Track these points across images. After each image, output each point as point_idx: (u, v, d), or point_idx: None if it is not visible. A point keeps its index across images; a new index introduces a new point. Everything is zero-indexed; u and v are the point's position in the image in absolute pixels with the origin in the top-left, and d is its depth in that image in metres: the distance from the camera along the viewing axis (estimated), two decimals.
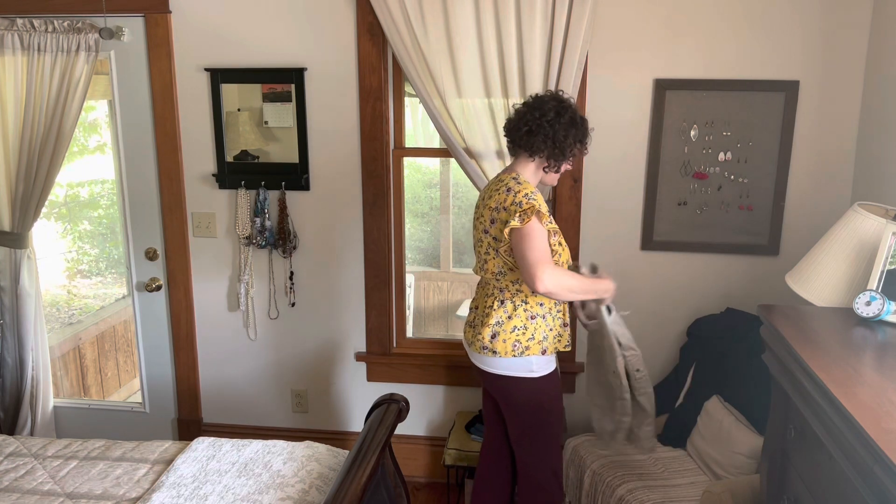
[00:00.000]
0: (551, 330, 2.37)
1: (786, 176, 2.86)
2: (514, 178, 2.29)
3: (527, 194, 2.21)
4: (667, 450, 2.80)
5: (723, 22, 2.78)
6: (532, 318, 2.32)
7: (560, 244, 2.32)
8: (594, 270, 2.42)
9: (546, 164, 2.31)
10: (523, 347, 2.31)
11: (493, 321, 2.33)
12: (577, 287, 2.21)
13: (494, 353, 2.33)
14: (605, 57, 2.87)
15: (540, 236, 2.16)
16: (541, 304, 2.34)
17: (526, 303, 2.32)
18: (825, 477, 1.60)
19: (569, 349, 2.46)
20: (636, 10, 2.82)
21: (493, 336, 2.33)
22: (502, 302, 2.33)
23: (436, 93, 2.86)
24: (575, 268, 2.44)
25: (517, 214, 2.16)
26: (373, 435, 2.26)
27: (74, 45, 3.00)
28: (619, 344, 2.34)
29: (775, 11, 2.75)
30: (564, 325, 2.42)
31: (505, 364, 2.34)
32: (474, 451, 2.96)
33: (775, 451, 1.92)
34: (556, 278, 2.12)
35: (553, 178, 2.38)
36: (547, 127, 2.24)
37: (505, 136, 2.37)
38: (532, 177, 2.33)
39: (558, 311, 2.39)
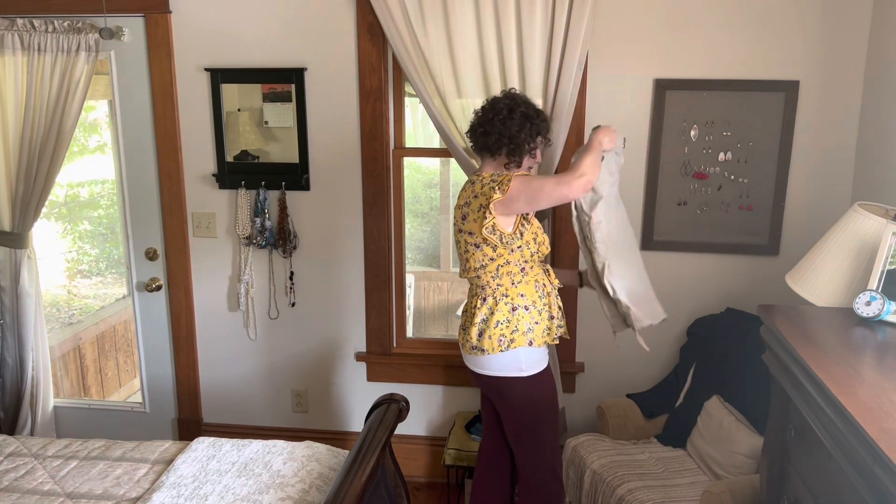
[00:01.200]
0: (537, 323, 2.37)
1: (786, 176, 2.86)
2: (476, 175, 2.37)
3: (492, 176, 2.29)
4: (667, 450, 2.80)
5: (723, 22, 2.78)
6: (514, 310, 2.34)
7: (535, 236, 2.34)
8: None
9: (507, 161, 2.34)
10: (508, 340, 2.33)
11: (478, 319, 2.36)
12: (593, 160, 2.23)
13: (483, 350, 2.35)
14: (606, 57, 2.87)
15: (531, 178, 2.25)
16: (522, 296, 2.35)
17: (507, 296, 2.34)
18: (825, 477, 1.60)
19: (556, 342, 2.46)
20: (636, 10, 2.82)
21: (480, 334, 2.36)
22: (484, 299, 2.35)
23: (436, 93, 2.86)
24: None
25: (497, 188, 2.22)
26: (373, 435, 2.26)
27: (74, 45, 3.00)
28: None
29: (775, 11, 2.75)
30: (551, 317, 2.42)
31: (495, 364, 2.36)
32: (474, 451, 2.96)
33: (775, 451, 1.92)
34: (579, 176, 2.17)
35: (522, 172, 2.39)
36: (499, 125, 2.29)
37: (469, 140, 2.44)
38: None
39: (544, 304, 2.39)
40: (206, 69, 3.09)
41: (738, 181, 2.89)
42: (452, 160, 3.14)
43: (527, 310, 2.35)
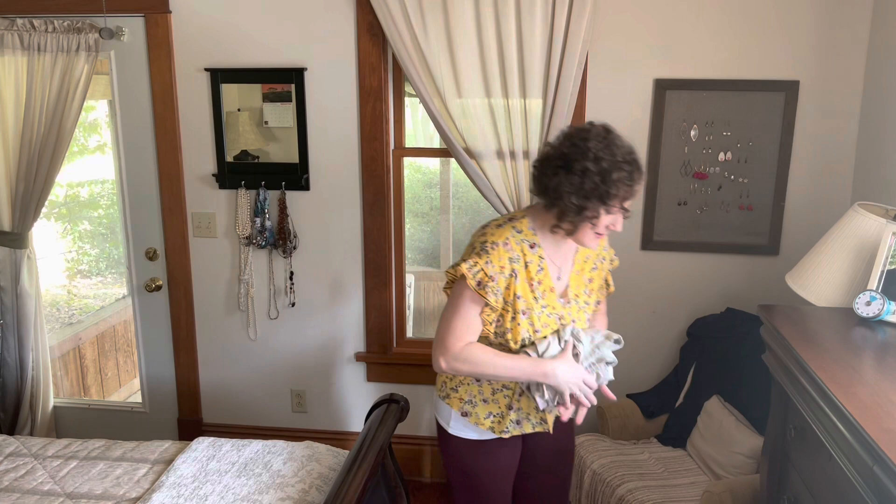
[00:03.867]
0: (485, 401, 1.97)
1: (786, 176, 2.86)
2: (507, 219, 1.91)
3: (485, 243, 1.84)
4: (667, 450, 2.80)
5: (723, 22, 2.78)
6: None
7: (514, 319, 1.86)
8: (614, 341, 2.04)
9: (555, 223, 1.82)
10: (447, 392, 2.02)
11: None
12: (481, 373, 1.87)
13: (435, 383, 2.12)
14: (605, 57, 2.87)
15: (463, 310, 1.84)
16: None
17: None
18: (825, 477, 1.60)
19: (506, 435, 1.99)
20: (636, 9, 2.82)
21: None
22: None
23: (436, 93, 2.86)
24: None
25: (465, 259, 1.85)
26: (373, 435, 2.27)
27: (74, 45, 3.00)
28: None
29: (775, 11, 2.75)
30: (510, 407, 1.97)
31: (436, 401, 2.08)
32: None
33: (775, 451, 1.92)
34: (452, 364, 1.84)
35: (585, 237, 1.81)
36: (550, 175, 1.76)
37: None
38: (543, 228, 1.88)
39: (502, 387, 1.96)
40: (206, 69, 3.09)
41: (738, 181, 2.89)
42: (452, 160, 3.14)
43: (478, 382, 1.97)
